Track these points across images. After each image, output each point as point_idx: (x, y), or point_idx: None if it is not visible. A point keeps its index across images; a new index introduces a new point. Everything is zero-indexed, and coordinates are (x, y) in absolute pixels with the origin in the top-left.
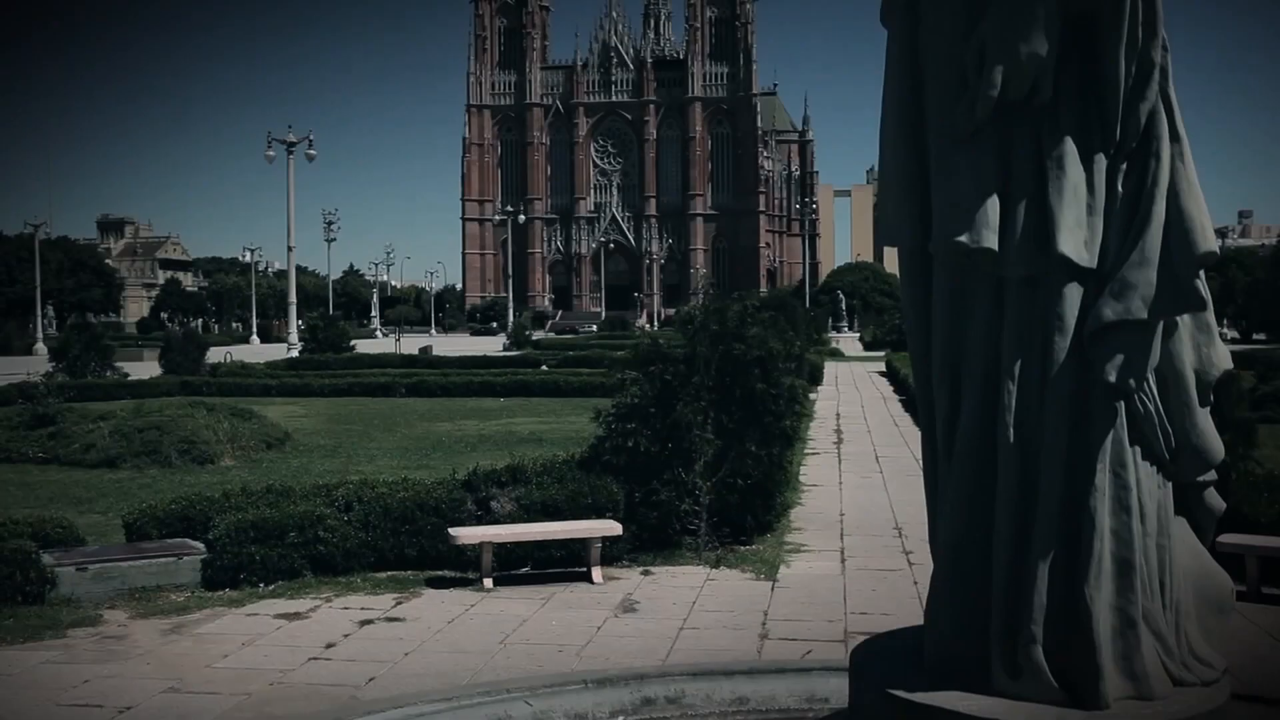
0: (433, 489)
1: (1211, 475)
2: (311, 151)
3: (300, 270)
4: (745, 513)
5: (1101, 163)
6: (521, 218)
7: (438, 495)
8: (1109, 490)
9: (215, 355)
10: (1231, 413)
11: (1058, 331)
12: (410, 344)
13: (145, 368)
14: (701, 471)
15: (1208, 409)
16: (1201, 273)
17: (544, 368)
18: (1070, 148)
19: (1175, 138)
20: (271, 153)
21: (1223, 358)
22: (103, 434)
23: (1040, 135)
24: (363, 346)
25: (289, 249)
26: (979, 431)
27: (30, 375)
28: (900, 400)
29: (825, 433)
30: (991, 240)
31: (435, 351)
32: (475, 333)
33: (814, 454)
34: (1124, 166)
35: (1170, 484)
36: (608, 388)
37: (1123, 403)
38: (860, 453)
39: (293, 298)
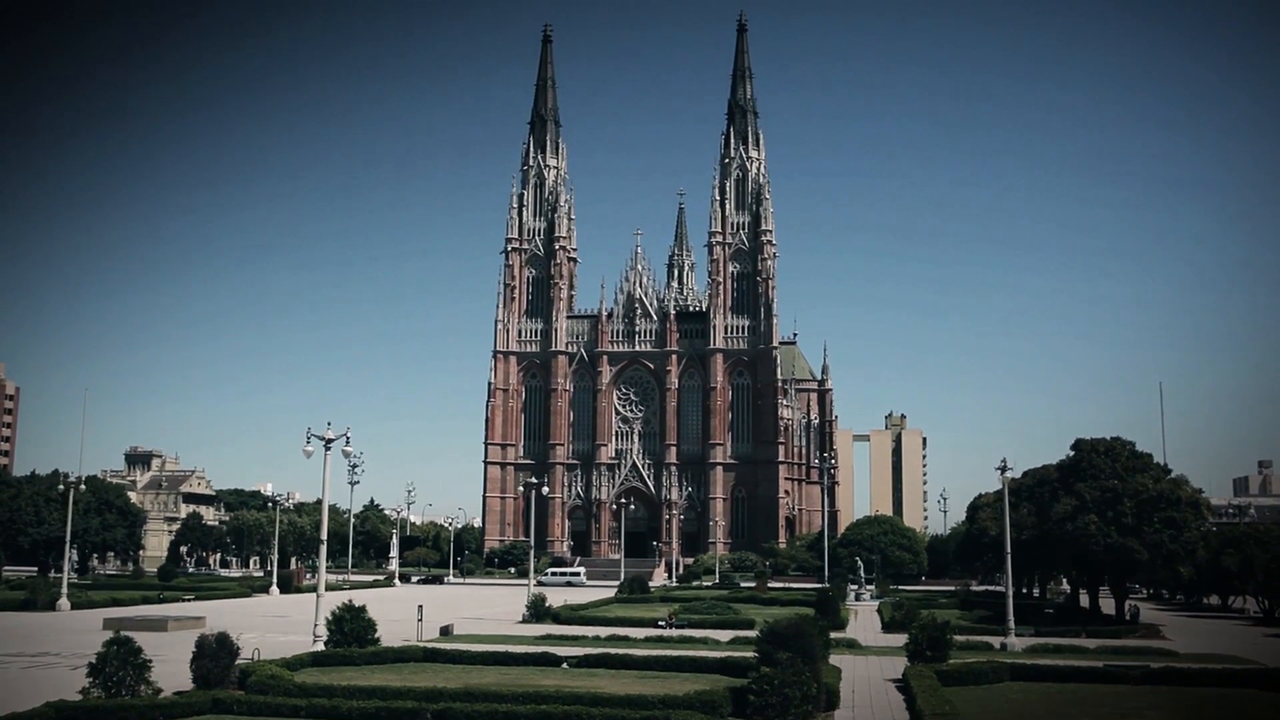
0: None
1: None
2: (348, 449)
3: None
4: None
5: None
6: (546, 488)
7: None
8: None
9: (246, 643)
10: None
11: None
12: (431, 605)
13: (172, 645)
14: None
15: None
16: None
17: (564, 665)
18: None
19: None
20: (310, 448)
21: None
22: None
23: None
24: (381, 606)
25: (322, 556)
26: None
27: (59, 655)
28: None
29: None
30: None
31: (455, 623)
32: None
33: None
34: None
35: None
36: None
37: None
38: None
39: (321, 588)
